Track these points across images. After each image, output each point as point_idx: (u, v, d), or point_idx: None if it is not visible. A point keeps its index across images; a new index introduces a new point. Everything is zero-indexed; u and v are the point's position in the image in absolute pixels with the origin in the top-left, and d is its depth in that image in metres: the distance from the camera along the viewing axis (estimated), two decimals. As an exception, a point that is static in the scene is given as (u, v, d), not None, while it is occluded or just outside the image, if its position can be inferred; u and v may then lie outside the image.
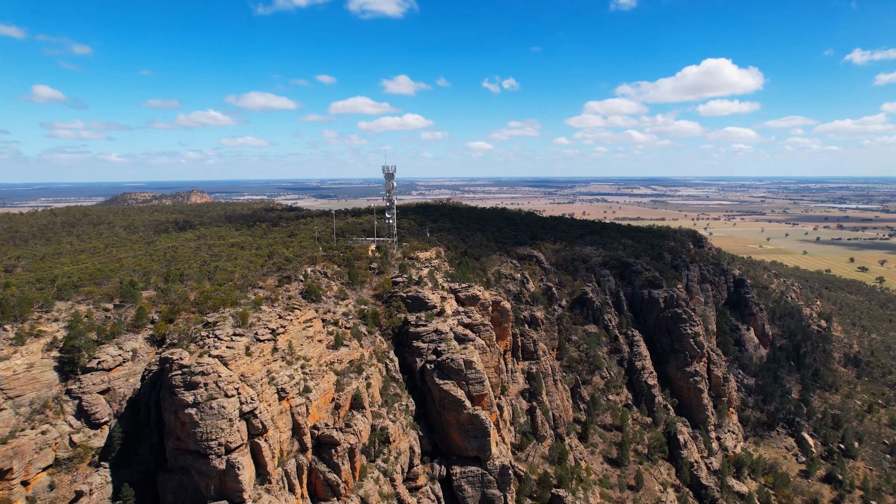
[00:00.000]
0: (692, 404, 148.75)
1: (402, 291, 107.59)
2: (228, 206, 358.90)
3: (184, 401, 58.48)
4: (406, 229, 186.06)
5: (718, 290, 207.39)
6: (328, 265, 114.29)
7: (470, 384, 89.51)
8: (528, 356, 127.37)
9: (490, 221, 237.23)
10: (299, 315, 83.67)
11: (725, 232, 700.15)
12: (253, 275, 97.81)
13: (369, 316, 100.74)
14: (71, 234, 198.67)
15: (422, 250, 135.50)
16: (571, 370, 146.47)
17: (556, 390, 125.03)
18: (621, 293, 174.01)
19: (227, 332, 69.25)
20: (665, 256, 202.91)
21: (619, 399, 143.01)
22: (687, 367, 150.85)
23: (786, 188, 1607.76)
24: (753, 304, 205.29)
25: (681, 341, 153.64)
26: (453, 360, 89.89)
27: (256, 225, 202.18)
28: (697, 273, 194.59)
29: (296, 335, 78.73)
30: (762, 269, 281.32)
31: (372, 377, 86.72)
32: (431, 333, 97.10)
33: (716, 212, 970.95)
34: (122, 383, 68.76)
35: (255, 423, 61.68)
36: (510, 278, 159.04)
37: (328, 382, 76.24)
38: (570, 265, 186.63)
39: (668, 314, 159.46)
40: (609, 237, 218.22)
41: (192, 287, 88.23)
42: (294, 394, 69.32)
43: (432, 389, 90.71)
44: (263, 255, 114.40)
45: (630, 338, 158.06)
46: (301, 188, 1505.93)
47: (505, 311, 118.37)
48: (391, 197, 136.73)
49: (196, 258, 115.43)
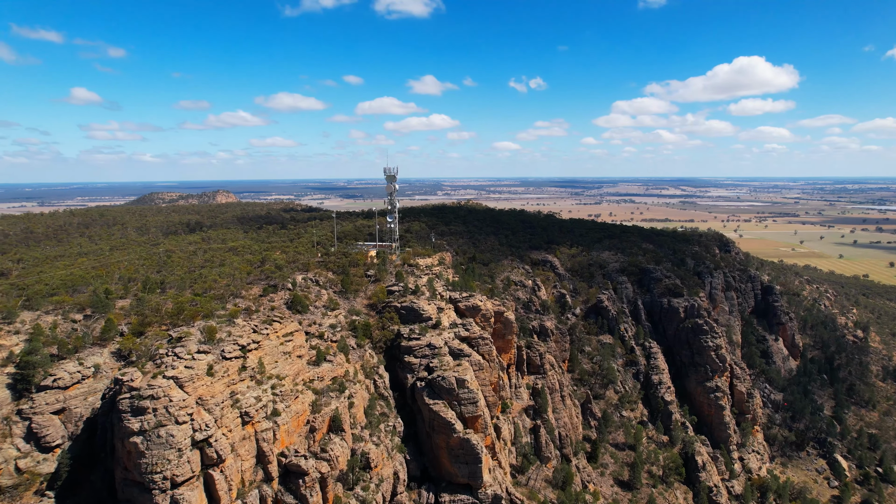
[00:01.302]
0: (713, 422, 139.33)
1: (397, 301, 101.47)
2: (248, 207, 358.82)
3: (129, 428, 53.35)
4: (416, 233, 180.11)
5: (745, 297, 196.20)
6: (321, 272, 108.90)
7: (462, 404, 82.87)
8: (535, 370, 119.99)
9: (505, 224, 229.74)
10: (278, 328, 78.22)
11: (756, 234, 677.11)
12: (238, 283, 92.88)
13: (360, 328, 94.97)
14: (83, 236, 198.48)
15: (424, 256, 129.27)
16: (583, 384, 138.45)
17: (563, 407, 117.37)
18: (639, 301, 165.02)
19: (191, 350, 64.04)
20: (688, 262, 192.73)
21: (634, 415, 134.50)
22: (708, 381, 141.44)
23: (821, 189, 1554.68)
24: (782, 313, 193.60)
25: (701, 354, 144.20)
26: (445, 378, 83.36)
27: (265, 227, 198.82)
28: (722, 280, 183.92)
29: (271, 351, 73.24)
30: (793, 275, 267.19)
31: (356, 395, 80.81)
32: (424, 348, 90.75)
33: (747, 213, 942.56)
34: (79, 402, 64.16)
35: (210, 452, 56.22)
36: (520, 285, 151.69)
37: (302, 403, 70.52)
38: (585, 271, 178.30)
39: (688, 325, 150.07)
40: (629, 241, 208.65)
41: (170, 297, 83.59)
42: (260, 417, 63.75)
43: (422, 409, 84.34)
44: (255, 261, 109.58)
45: (647, 349, 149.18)
46: (328, 188, 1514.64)
47: (509, 323, 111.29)
48: (393, 200, 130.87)
49: (186, 264, 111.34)
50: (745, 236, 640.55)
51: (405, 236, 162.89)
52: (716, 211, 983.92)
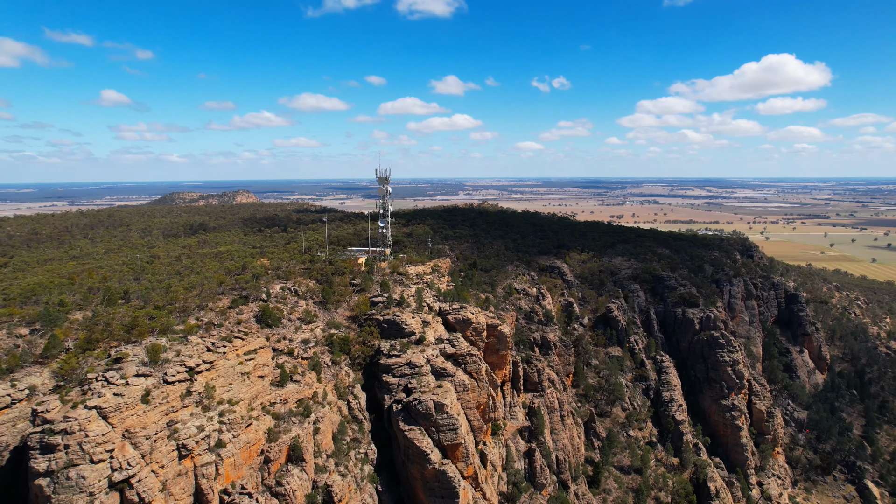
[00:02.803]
0: (728, 443, 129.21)
1: (380, 314, 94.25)
2: (259, 208, 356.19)
3: (35, 469, 47.09)
4: (418, 237, 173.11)
5: (767, 306, 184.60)
6: (302, 281, 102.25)
7: (441, 431, 75.28)
8: (532, 387, 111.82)
9: (515, 227, 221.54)
10: (239, 345, 71.64)
11: (783, 236, 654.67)
12: (206, 294, 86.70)
13: (337, 343, 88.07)
14: (86, 237, 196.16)
15: (417, 263, 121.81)
16: (588, 400, 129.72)
17: (562, 427, 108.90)
18: (651, 311, 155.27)
19: (127, 373, 57.62)
20: (705, 269, 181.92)
21: (642, 435, 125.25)
22: (723, 399, 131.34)
23: (853, 190, 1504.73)
24: (808, 323, 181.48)
25: (717, 369, 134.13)
26: (422, 401, 75.83)
27: (265, 230, 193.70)
28: (742, 288, 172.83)
29: (226, 372, 66.60)
30: (821, 281, 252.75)
31: (324, 419, 73.83)
32: (404, 366, 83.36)
33: (774, 215, 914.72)
34: (6, 430, 58.06)
35: (131, 494, 49.66)
36: (523, 294, 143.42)
37: (256, 431, 63.70)
38: (595, 278, 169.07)
39: (703, 337, 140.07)
40: (644, 247, 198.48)
41: (125, 310, 77.60)
42: (201, 450, 57.03)
43: (397, 435, 77.02)
44: (235, 269, 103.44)
45: (658, 363, 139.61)
46: (350, 188, 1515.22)
47: (503, 337, 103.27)
48: (385, 203, 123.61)
49: (165, 271, 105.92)
50: (771, 238, 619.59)
51: (403, 241, 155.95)
52: (741, 212, 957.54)
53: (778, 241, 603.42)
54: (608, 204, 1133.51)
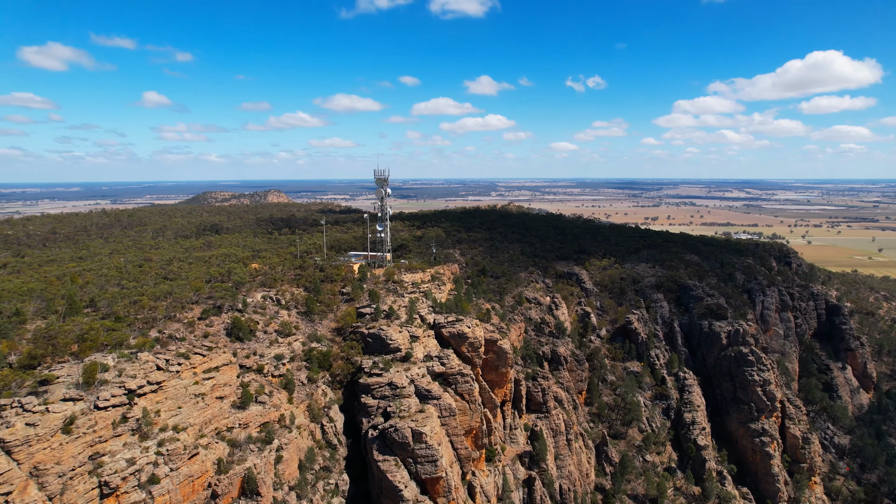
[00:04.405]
0: (758, 471, 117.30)
1: (365, 327, 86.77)
2: (284, 208, 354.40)
3: (-83, 513, 41.06)
4: (429, 241, 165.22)
5: (805, 318, 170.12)
6: (288, 289, 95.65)
7: (418, 463, 67.26)
8: (537, 407, 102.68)
9: (534, 231, 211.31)
10: (199, 362, 65.19)
11: (827, 240, 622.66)
12: (176, 304, 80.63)
13: (316, 358, 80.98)
14: (101, 237, 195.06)
15: (415, 270, 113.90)
16: (602, 420, 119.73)
17: (569, 452, 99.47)
18: (675, 323, 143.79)
19: (51, 398, 51.52)
20: (736, 277, 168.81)
21: (660, 460, 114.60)
22: (752, 422, 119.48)
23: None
24: (851, 337, 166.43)
25: (745, 389, 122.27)
26: (398, 429, 67.91)
27: (273, 232, 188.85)
28: (776, 299, 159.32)
29: (176, 393, 60.06)
30: (867, 290, 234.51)
31: (289, 446, 66.69)
32: (384, 387, 75.63)
33: (817, 218, 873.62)
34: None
35: (30, 544, 43.23)
36: (534, 303, 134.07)
37: (202, 462, 56.84)
38: (616, 286, 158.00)
39: (730, 353, 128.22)
40: (670, 252, 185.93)
41: (84, 320, 71.92)
42: (129, 487, 50.40)
43: (372, 466, 69.32)
44: (218, 274, 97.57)
45: (681, 381, 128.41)
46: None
47: (503, 353, 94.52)
48: (384, 206, 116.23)
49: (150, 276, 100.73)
50: (814, 242, 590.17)
51: (409, 245, 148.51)
52: (782, 215, 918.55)
53: (821, 245, 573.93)
54: (643, 205, 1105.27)
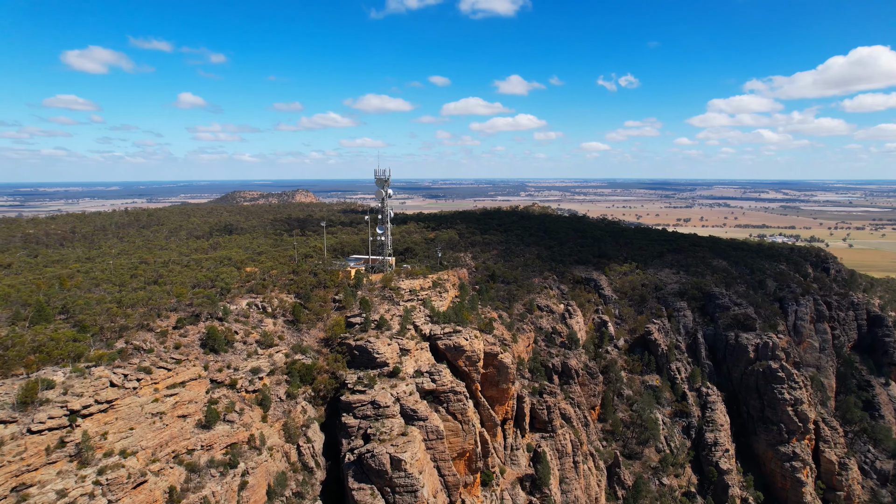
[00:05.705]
0: (787, 499, 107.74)
1: (353, 338, 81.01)
2: (306, 208, 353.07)
3: None
4: (441, 243, 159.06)
5: (844, 329, 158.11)
6: (277, 296, 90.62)
7: (396, 493, 61.13)
8: (542, 426, 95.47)
9: (553, 233, 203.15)
10: (161, 377, 60.37)
11: (870, 244, 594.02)
12: (152, 311, 76.26)
13: (297, 372, 75.62)
14: (116, 237, 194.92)
15: (416, 276, 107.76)
16: (615, 438, 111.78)
17: (576, 476, 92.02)
18: (699, 334, 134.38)
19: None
20: (767, 285, 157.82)
21: (678, 484, 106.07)
22: (781, 445, 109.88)
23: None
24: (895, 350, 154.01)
25: (774, 408, 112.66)
26: (374, 455, 61.89)
27: (283, 233, 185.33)
28: (811, 308, 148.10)
29: (129, 413, 55.24)
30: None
31: (257, 470, 61.30)
32: (367, 406, 69.74)
33: (860, 220, 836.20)
34: None
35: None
36: (546, 311, 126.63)
37: (151, 491, 51.78)
38: (636, 293, 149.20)
39: (758, 368, 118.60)
40: (696, 257, 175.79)
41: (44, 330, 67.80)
42: (61, 522, 45.53)
43: (347, 494, 63.42)
44: (206, 279, 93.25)
45: (703, 397, 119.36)
46: (412, 188, 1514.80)
47: (504, 368, 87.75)
48: (385, 208, 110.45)
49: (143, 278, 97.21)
50: (855, 246, 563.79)
51: (415, 248, 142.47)
52: (822, 217, 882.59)
53: (863, 248, 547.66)
54: (675, 206, 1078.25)
